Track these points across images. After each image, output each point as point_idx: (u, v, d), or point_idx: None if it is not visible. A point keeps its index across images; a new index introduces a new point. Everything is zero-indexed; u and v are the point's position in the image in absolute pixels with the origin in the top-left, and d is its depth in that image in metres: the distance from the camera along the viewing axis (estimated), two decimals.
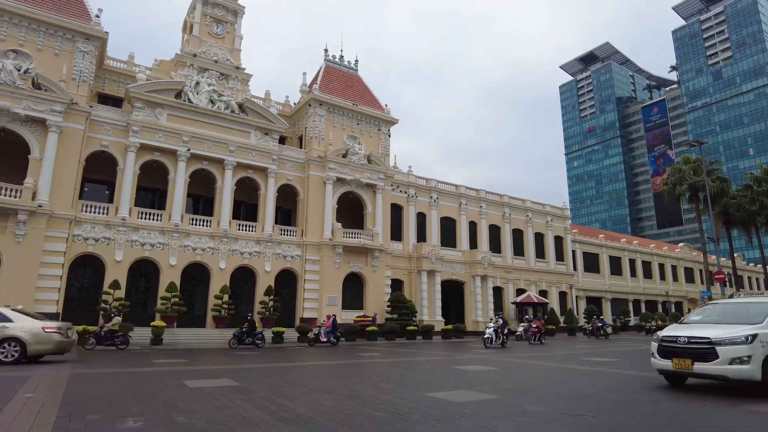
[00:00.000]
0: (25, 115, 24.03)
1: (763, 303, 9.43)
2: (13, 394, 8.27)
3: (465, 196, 42.18)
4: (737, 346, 8.31)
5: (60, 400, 7.78)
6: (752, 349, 8.20)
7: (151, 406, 7.25)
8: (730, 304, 10.39)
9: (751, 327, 8.52)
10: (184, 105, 29.15)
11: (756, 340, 8.29)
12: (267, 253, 30.44)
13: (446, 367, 14.17)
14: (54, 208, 24.18)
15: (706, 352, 8.55)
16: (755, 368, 8.18)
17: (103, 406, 7.36)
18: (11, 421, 6.30)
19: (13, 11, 24.91)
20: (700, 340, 8.77)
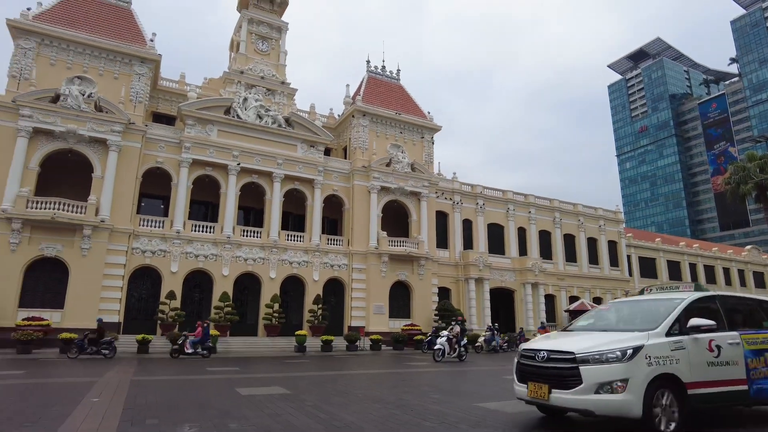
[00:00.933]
0: (88, 136, 25.57)
1: (673, 300, 6.87)
2: (81, 398, 8.72)
3: (513, 202, 41.36)
4: (607, 365, 5.74)
5: (122, 405, 8.13)
6: (630, 370, 5.67)
7: (206, 413, 7.45)
8: (635, 303, 7.83)
9: (637, 336, 6.07)
10: (233, 121, 30.18)
11: (638, 356, 5.77)
12: (315, 263, 30.90)
13: (496, 376, 13.85)
14: (115, 223, 25.53)
15: (567, 374, 5.92)
16: (632, 399, 5.58)
17: (162, 411, 7.63)
18: (80, 423, 6.64)
19: (79, 41, 26.65)
20: (560, 355, 6.11)
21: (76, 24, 27.47)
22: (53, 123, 24.86)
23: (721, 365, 6.38)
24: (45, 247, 23.86)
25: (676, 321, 6.34)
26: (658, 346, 5.99)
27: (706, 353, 6.31)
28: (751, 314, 7.53)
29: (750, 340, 6.87)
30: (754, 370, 6.70)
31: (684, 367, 6.04)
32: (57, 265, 24.20)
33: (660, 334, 6.14)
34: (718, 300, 7.16)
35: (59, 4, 27.98)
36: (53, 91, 25.26)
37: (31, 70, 25.57)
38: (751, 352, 6.75)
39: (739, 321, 7.19)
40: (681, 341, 6.17)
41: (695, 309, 6.70)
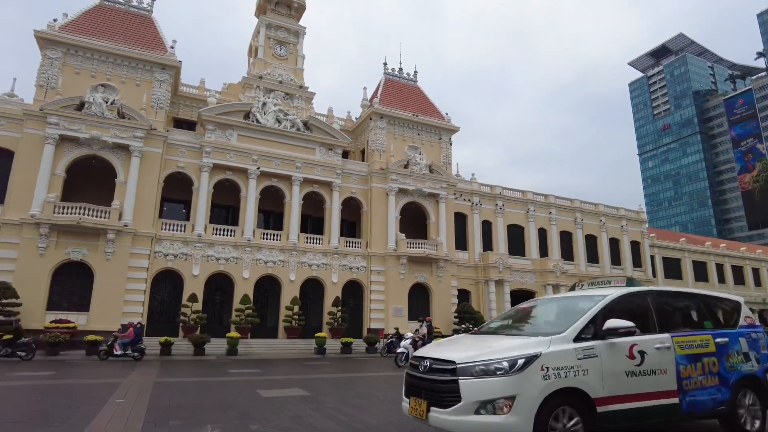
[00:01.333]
0: (112, 143, 26.13)
1: (593, 298, 5.88)
2: (107, 399, 8.89)
3: (533, 202, 40.93)
4: (491, 378, 4.75)
5: (146, 406, 8.26)
6: (518, 384, 4.69)
7: (228, 414, 7.53)
8: (560, 301, 6.79)
9: (535, 342, 5.09)
10: (253, 125, 30.51)
11: (531, 367, 4.78)
12: (334, 265, 31.02)
13: None
14: (137, 227, 26.02)
15: (445, 389, 4.92)
16: (519, 421, 4.62)
17: (185, 412, 7.73)
18: (106, 423, 6.77)
19: (103, 50, 27.28)
20: (442, 365, 5.10)
21: (100, 33, 28.13)
22: (78, 130, 25.48)
23: (645, 375, 5.41)
24: (71, 251, 24.45)
25: (590, 323, 5.33)
26: (561, 354, 4.98)
27: (624, 361, 5.32)
28: (692, 313, 6.65)
29: (684, 343, 5.89)
30: (688, 379, 5.72)
31: (594, 380, 5.05)
32: (82, 268, 24.77)
33: (566, 340, 5.13)
34: (651, 297, 6.17)
35: (84, 15, 28.69)
36: (78, 99, 25.89)
37: (57, 80, 26.26)
38: (684, 358, 5.78)
39: (678, 321, 6.32)
40: (592, 348, 5.17)
41: (619, 308, 5.73)
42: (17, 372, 13.67)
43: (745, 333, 6.53)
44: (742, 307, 6.85)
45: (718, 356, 6.08)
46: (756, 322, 6.84)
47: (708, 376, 5.92)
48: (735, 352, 6.25)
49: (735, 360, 6.21)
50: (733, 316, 6.73)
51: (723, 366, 6.07)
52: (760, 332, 6.63)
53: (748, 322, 6.67)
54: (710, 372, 5.97)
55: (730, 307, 6.93)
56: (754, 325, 6.76)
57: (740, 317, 6.67)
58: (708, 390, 5.88)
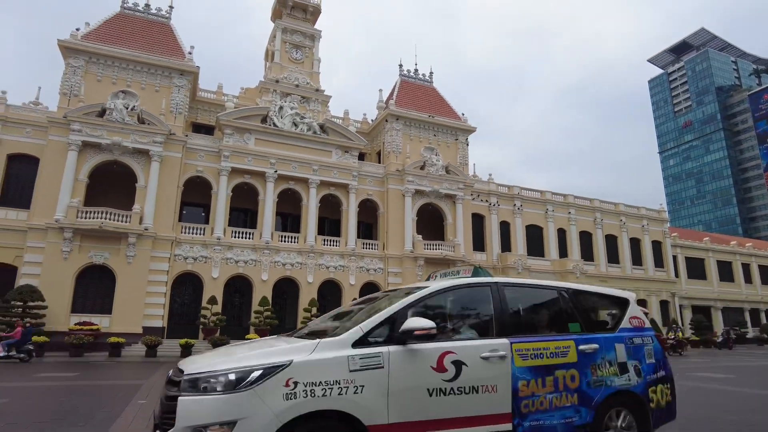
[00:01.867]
0: (132, 148, 26.61)
1: (415, 290, 4.67)
2: (130, 399, 9.02)
3: (551, 202, 40.49)
4: (209, 396, 3.56)
5: None
6: (243, 406, 3.51)
7: None
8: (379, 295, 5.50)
9: (291, 347, 3.92)
10: (270, 129, 30.78)
11: (268, 382, 3.59)
12: (351, 267, 31.08)
13: None
14: (158, 231, 26.43)
15: (166, 409, 3.74)
16: None
17: None
18: (129, 423, 6.86)
19: (123, 57, 27.82)
20: (177, 377, 3.88)
21: (120, 41, 28.68)
22: (100, 136, 26.02)
23: (461, 393, 4.11)
24: (93, 254, 24.94)
25: (383, 323, 4.12)
26: (324, 364, 3.75)
27: (428, 375, 4.04)
28: (554, 313, 5.20)
29: (528, 351, 4.52)
30: (530, 398, 4.40)
31: (373, 399, 3.79)
32: (105, 272, 25.25)
33: (340, 344, 3.91)
34: (494, 291, 4.77)
35: (105, 23, 29.29)
36: (100, 105, 26.44)
37: (80, 87, 26.85)
38: (526, 371, 4.44)
39: (531, 323, 5.07)
40: (377, 356, 3.92)
41: (439, 304, 4.72)
42: (43, 373, 13.97)
43: (624, 338, 5.09)
44: (631, 305, 5.43)
45: (579, 368, 4.69)
46: (645, 324, 5.40)
47: (562, 394, 4.56)
48: (606, 362, 4.85)
49: (605, 372, 4.80)
50: (616, 316, 5.37)
51: (586, 380, 4.70)
52: (647, 336, 5.28)
53: (635, 324, 5.28)
54: (566, 388, 4.58)
55: (613, 306, 5.54)
56: (641, 327, 5.34)
57: (625, 318, 5.28)
58: (561, 412, 4.52)
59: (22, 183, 26.00)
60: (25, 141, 26.14)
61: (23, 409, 7.92)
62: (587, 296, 5.46)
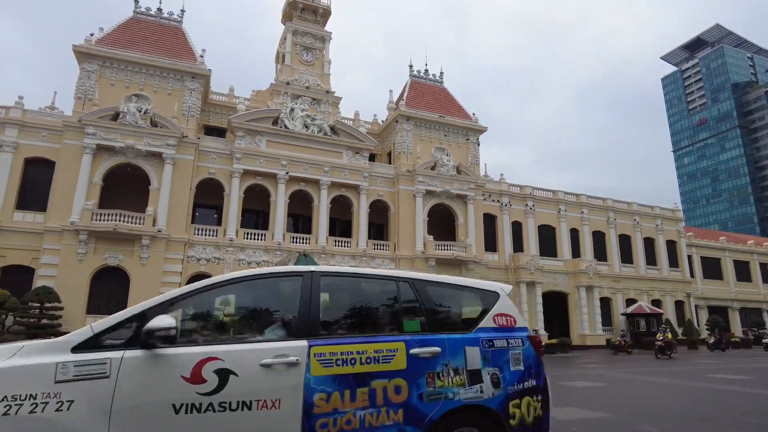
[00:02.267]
0: (145, 151, 26.91)
1: None
2: None
3: (564, 202, 40.16)
4: None
5: None
6: None
7: None
8: None
9: None
10: (281, 131, 30.93)
11: None
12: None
13: (551, 382, 13.40)
14: (171, 233, 26.68)
15: None
16: None
17: None
18: None
19: (136, 61, 28.16)
20: None
21: (133, 45, 29.01)
22: (114, 139, 26.34)
23: (222, 410, 3.26)
24: (108, 256, 25.25)
25: (129, 321, 3.43)
26: (17, 373, 3.01)
27: (177, 386, 3.24)
28: (384, 308, 4.25)
29: (333, 356, 3.59)
30: (331, 415, 3.46)
31: (85, 419, 3.00)
32: (119, 273, 25.54)
33: (55, 348, 3.19)
34: (308, 281, 3.91)
35: (118, 28, 29.66)
36: (113, 109, 26.76)
37: (94, 91, 27.21)
38: (327, 381, 3.51)
39: (357, 320, 4.09)
40: (104, 362, 3.16)
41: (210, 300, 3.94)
42: None
43: (480, 340, 4.09)
44: (500, 300, 4.46)
45: (410, 377, 3.72)
46: (517, 324, 4.40)
47: (381, 410, 3.59)
48: (450, 370, 3.87)
49: (447, 382, 3.83)
50: (477, 313, 4.36)
51: (418, 392, 3.72)
52: (515, 338, 4.29)
53: (501, 323, 4.30)
54: (388, 402, 3.61)
55: (474, 301, 4.48)
56: (509, 327, 4.33)
57: (488, 316, 4.29)
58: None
59: (38, 186, 26.41)
60: (41, 145, 26.55)
61: None
62: (438, 288, 4.37)
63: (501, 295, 4.51)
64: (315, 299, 3.84)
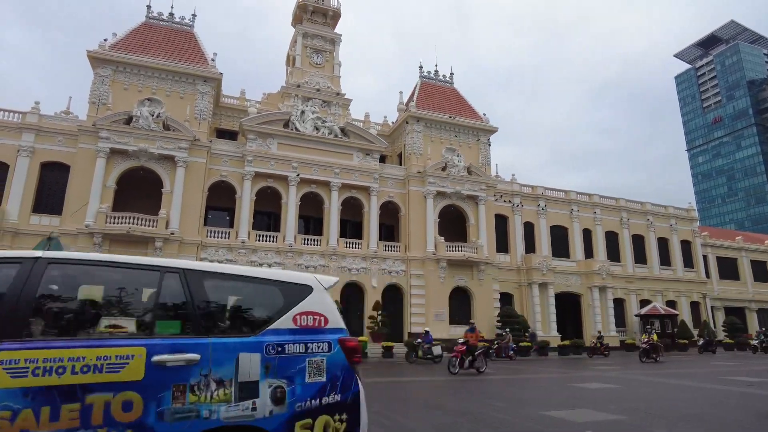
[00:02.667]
0: (158, 154, 27.19)
1: None
2: None
3: (576, 202, 39.85)
4: None
5: None
6: None
7: None
8: None
9: None
10: (292, 133, 31.08)
11: None
12: (373, 269, 31.10)
13: (564, 384, 13.29)
14: (184, 235, 26.92)
15: None
16: None
17: None
18: None
19: (149, 66, 28.48)
20: None
21: (146, 50, 29.36)
22: (127, 143, 26.65)
23: None
24: None
25: None
26: None
27: None
28: (134, 303, 3.46)
29: (30, 364, 2.85)
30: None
31: None
32: None
33: None
34: (29, 269, 3.14)
35: (131, 33, 30.03)
36: (127, 113, 27.09)
37: (107, 96, 27.57)
38: (18, 395, 2.77)
39: (78, 318, 3.28)
40: None
41: None
42: None
43: (263, 344, 3.39)
44: (312, 295, 3.76)
45: (147, 390, 3.03)
46: (329, 323, 3.70)
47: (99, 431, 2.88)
48: (211, 381, 3.19)
49: (203, 397, 3.14)
50: (271, 311, 3.61)
51: (158, 409, 3.02)
52: (318, 341, 3.59)
53: (303, 323, 3.60)
54: (111, 422, 2.91)
55: (271, 297, 3.71)
56: (312, 329, 3.63)
57: (287, 315, 3.60)
58: None
59: (54, 190, 26.80)
60: (57, 149, 26.96)
61: None
62: (220, 282, 3.65)
63: (315, 290, 3.80)
64: (28, 292, 3.06)
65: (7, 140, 26.33)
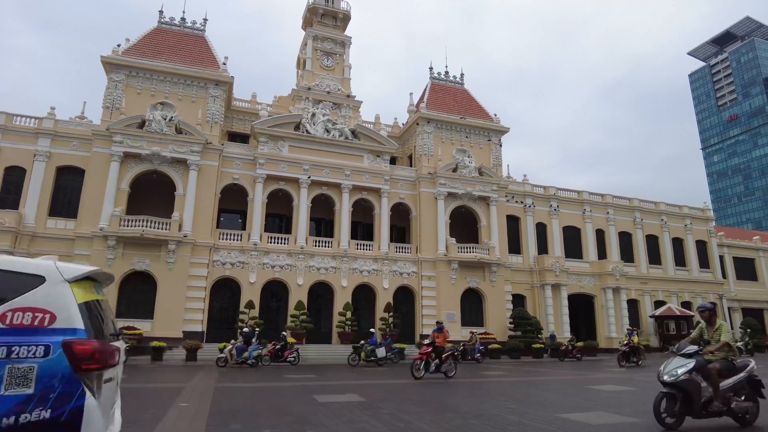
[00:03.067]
0: (171, 157, 27.46)
1: None
2: (171, 403, 9.26)
3: (589, 203, 39.50)
4: None
5: (208, 410, 8.53)
6: None
7: (284, 419, 7.64)
8: None
9: None
10: (303, 136, 31.21)
11: None
12: (384, 271, 31.09)
13: (578, 386, 13.16)
14: (196, 238, 27.13)
15: None
16: None
17: (244, 417, 7.92)
18: (172, 425, 7.04)
19: (161, 70, 28.79)
20: None
21: (158, 54, 29.67)
22: (140, 147, 26.95)
23: None
24: (136, 261, 25.80)
25: None
26: None
27: None
28: None
29: None
30: None
31: None
32: (147, 278, 26.07)
33: None
34: None
35: (143, 38, 30.37)
36: (140, 117, 27.39)
37: (121, 100, 27.91)
38: None
39: None
40: None
41: None
42: None
43: None
44: (42, 288, 3.16)
45: None
46: (53, 324, 3.07)
47: None
48: None
49: None
50: None
51: None
52: (31, 344, 2.96)
53: (17, 321, 3.00)
54: None
55: None
56: (29, 328, 3.01)
57: None
58: None
59: (69, 194, 27.20)
60: (72, 154, 27.35)
61: None
62: None
63: (48, 281, 3.17)
64: None
65: (25, 145, 26.78)
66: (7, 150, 26.61)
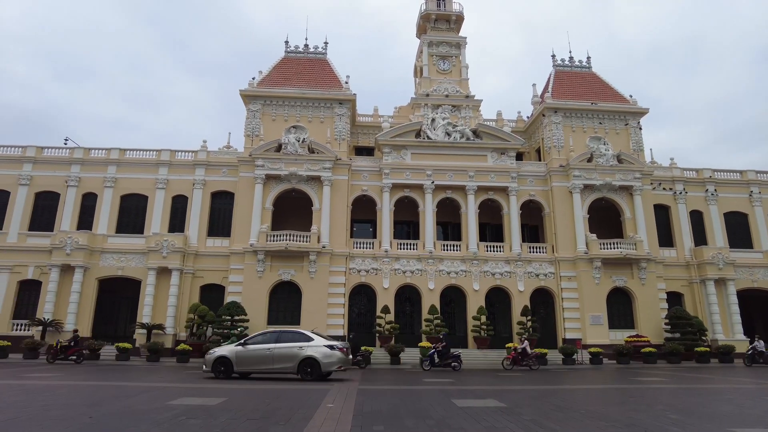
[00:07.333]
0: (306, 176, 29.63)
1: None
2: (319, 403, 9.86)
3: (757, 183, 34.10)
4: None
5: (352, 411, 8.92)
6: None
7: (425, 422, 7.67)
8: None
9: None
10: (424, 142, 31.56)
11: None
12: (518, 273, 29.97)
13: (757, 397, 11.31)
14: (333, 248, 28.82)
15: None
16: None
17: (386, 419, 8.12)
18: (320, 425, 7.49)
19: (292, 96, 31.30)
20: None
21: (288, 82, 32.29)
22: (279, 168, 29.52)
23: None
24: (282, 272, 28.18)
25: None
26: None
27: None
28: None
29: None
30: None
31: None
32: (292, 287, 28.34)
33: None
34: None
35: (274, 69, 33.29)
36: (276, 141, 30.03)
37: (259, 128, 30.86)
38: None
39: None
40: None
41: None
42: (238, 384, 16.06)
43: None
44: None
45: None
46: None
47: None
48: None
49: None
50: None
51: None
52: None
53: None
54: None
55: None
56: None
57: None
58: None
59: (222, 215, 30.72)
60: (222, 179, 30.91)
61: (239, 407, 9.18)
62: None
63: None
64: None
65: (186, 176, 30.88)
66: (173, 181, 30.86)
